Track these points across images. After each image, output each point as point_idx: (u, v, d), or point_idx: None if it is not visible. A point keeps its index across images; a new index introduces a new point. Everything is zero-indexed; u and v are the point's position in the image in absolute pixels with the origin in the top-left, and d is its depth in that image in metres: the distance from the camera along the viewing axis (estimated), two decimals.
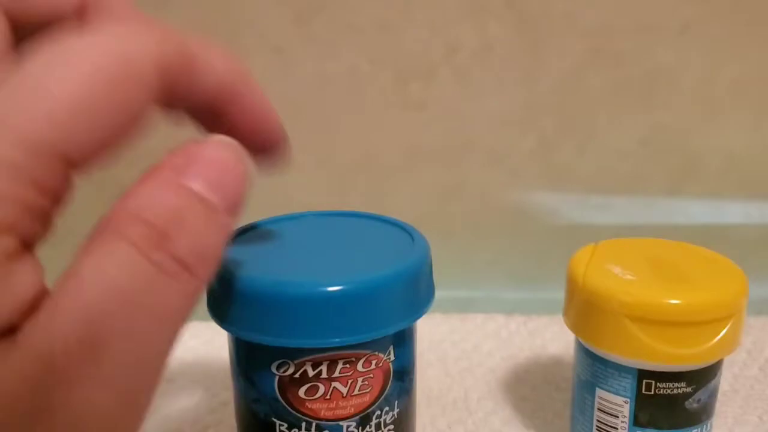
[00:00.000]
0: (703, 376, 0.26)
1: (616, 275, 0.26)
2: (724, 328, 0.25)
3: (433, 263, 0.26)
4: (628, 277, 0.26)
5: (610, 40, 0.43)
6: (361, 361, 0.23)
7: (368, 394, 0.24)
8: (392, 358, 0.24)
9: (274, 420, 0.24)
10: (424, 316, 0.23)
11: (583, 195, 0.49)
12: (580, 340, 0.27)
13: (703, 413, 0.27)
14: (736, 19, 0.44)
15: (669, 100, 0.46)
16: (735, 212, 0.49)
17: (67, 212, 0.17)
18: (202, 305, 0.29)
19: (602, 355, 0.26)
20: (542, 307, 0.43)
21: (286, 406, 0.24)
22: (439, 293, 0.48)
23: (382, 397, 0.24)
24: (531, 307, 0.43)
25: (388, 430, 0.25)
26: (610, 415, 0.27)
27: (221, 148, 0.18)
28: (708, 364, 0.26)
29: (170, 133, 0.21)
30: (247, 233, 0.26)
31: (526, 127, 0.45)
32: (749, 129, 0.47)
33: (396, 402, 0.25)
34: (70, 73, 0.16)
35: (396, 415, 0.25)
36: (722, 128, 0.47)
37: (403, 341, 0.25)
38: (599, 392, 0.27)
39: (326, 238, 0.26)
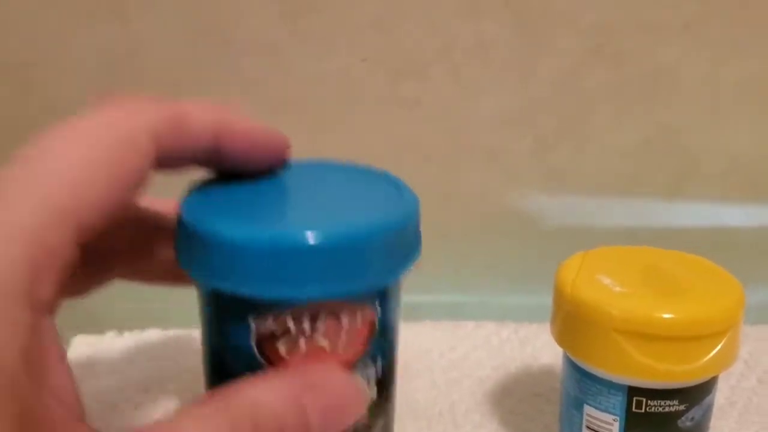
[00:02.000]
0: (697, 393, 0.25)
1: (605, 286, 0.25)
2: (719, 343, 0.24)
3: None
4: (618, 288, 0.25)
5: (609, 38, 0.42)
6: (346, 315, 0.22)
7: (352, 350, 0.22)
8: (379, 314, 0.23)
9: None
10: (412, 325, 0.22)
11: (581, 197, 0.48)
12: (568, 354, 0.26)
13: (698, 431, 0.26)
14: (739, 17, 0.43)
15: (670, 101, 0.45)
16: (736, 215, 0.49)
17: None
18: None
19: (590, 371, 0.25)
20: (537, 312, 0.42)
21: (266, 363, 0.22)
22: (430, 298, 0.48)
23: (367, 352, 0.23)
24: (525, 313, 0.42)
25: (371, 387, 0.23)
26: None
27: (347, 382, 0.21)
28: (702, 381, 0.25)
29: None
30: (228, 180, 0.24)
31: (523, 127, 0.44)
32: (752, 130, 0.46)
33: (379, 359, 0.23)
34: (77, 147, 0.19)
35: (379, 373, 0.23)
36: (724, 129, 0.46)
37: (388, 296, 0.23)
38: (587, 409, 0.26)
39: (311, 187, 0.25)
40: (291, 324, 0.21)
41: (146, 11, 0.42)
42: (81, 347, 0.37)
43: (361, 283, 0.21)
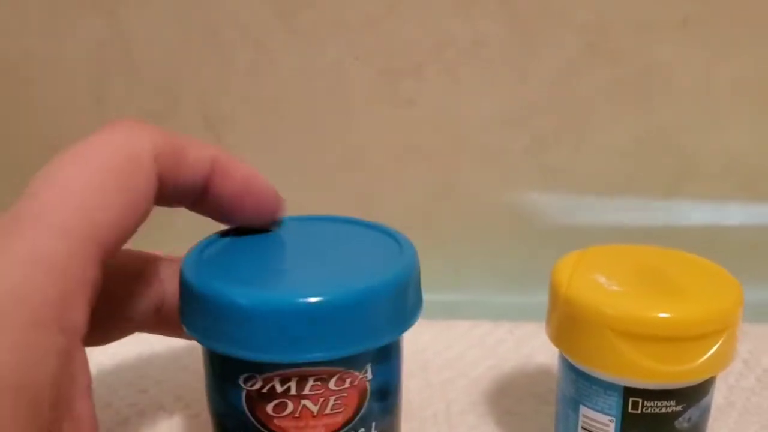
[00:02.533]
0: (694, 394, 0.25)
1: (601, 285, 0.25)
2: (716, 343, 0.24)
3: (421, 265, 0.24)
4: (614, 288, 0.25)
5: (605, 36, 0.42)
6: (334, 379, 0.22)
7: (341, 414, 0.23)
8: (369, 376, 0.23)
9: None
10: None
11: (577, 196, 0.48)
12: (563, 353, 0.26)
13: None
14: (735, 15, 0.43)
15: (666, 99, 0.45)
16: (734, 214, 0.48)
17: None
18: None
19: (586, 371, 0.25)
20: (534, 311, 0.42)
21: (254, 421, 0.22)
22: (426, 297, 0.48)
23: (357, 417, 0.23)
24: (522, 312, 0.42)
25: None
26: None
27: None
28: (700, 381, 0.25)
29: None
30: (222, 239, 0.25)
31: (519, 125, 0.44)
32: (749, 129, 0.46)
33: (374, 423, 0.23)
34: (85, 173, 0.19)
35: None
36: (721, 128, 0.46)
37: (384, 358, 0.23)
38: (583, 410, 0.26)
39: (305, 245, 0.25)
40: (278, 386, 0.22)
41: (137, 7, 0.42)
42: None
43: (349, 348, 0.22)
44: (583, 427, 0.26)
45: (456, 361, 0.37)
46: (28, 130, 0.44)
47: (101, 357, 0.36)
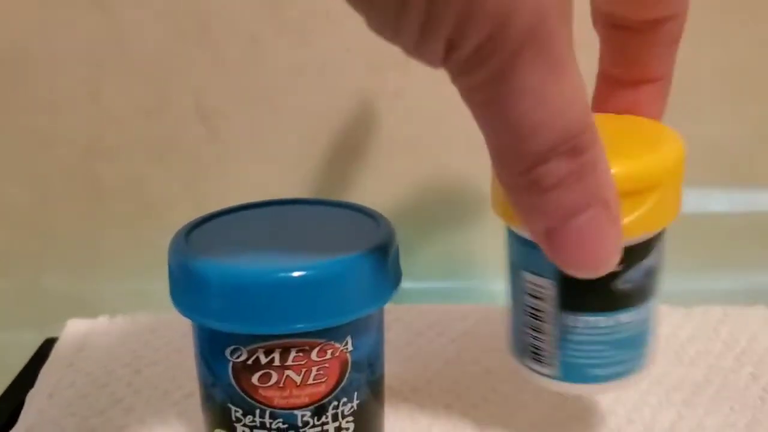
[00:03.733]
0: (633, 254, 0.24)
1: None
2: (650, 199, 0.23)
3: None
4: None
5: (588, 27, 0.43)
6: (316, 350, 0.23)
7: (323, 384, 0.24)
8: (350, 348, 0.24)
9: (230, 406, 0.24)
10: (398, 307, 0.22)
11: None
12: (506, 224, 0.26)
13: (638, 295, 0.25)
14: (715, 4, 0.44)
15: None
16: (718, 201, 0.49)
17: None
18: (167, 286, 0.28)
19: (525, 237, 0.25)
20: None
21: (240, 392, 0.24)
22: (417, 284, 0.48)
23: (339, 387, 0.24)
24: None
25: (347, 421, 0.24)
26: (538, 298, 0.26)
27: None
28: (636, 241, 0.24)
29: None
30: (207, 222, 0.26)
31: None
32: (732, 115, 0.47)
33: (356, 394, 0.24)
34: None
35: (356, 407, 0.25)
36: (704, 114, 0.47)
37: (364, 331, 0.24)
38: (526, 275, 0.26)
39: (287, 225, 0.26)
40: (262, 357, 0.23)
41: (130, 2, 0.42)
42: (74, 330, 0.38)
43: (328, 320, 0.23)
44: (527, 293, 0.26)
45: (447, 344, 0.38)
46: (22, 124, 0.45)
47: (98, 338, 0.37)
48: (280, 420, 0.24)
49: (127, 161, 0.45)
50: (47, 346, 0.38)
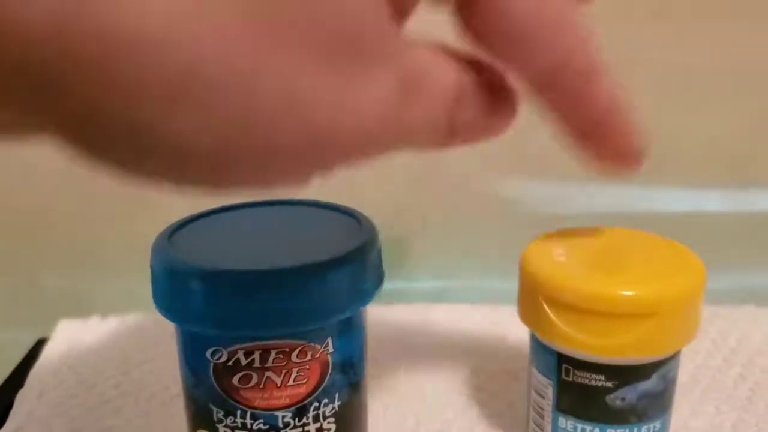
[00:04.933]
0: (627, 374, 0.25)
1: (551, 258, 0.26)
2: (646, 325, 0.24)
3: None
4: (561, 258, 0.26)
5: None
6: (296, 352, 0.23)
7: (304, 386, 0.24)
8: (331, 349, 0.24)
9: (212, 406, 0.24)
10: (385, 307, 0.22)
11: (557, 183, 0.48)
12: (519, 317, 0.27)
13: (632, 414, 0.26)
14: (714, 3, 0.44)
15: (643, 86, 0.45)
16: (713, 200, 0.49)
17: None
18: None
19: (534, 334, 0.26)
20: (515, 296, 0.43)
21: (222, 393, 0.24)
22: (411, 284, 0.48)
23: (320, 389, 0.24)
24: (505, 297, 0.43)
25: (329, 422, 0.25)
26: (540, 395, 0.27)
27: None
28: (630, 362, 0.25)
29: None
30: (190, 223, 0.26)
31: None
32: (727, 114, 0.47)
33: (337, 395, 0.25)
34: None
35: (337, 408, 0.25)
36: (699, 113, 0.47)
37: (346, 332, 0.24)
38: (533, 370, 0.27)
39: (268, 226, 0.26)
40: (242, 359, 0.23)
41: None
42: (66, 330, 0.38)
43: (308, 323, 0.23)
44: (533, 387, 0.27)
45: (434, 343, 0.38)
46: None
47: (89, 338, 0.38)
48: (261, 421, 0.24)
49: None
50: (40, 345, 0.38)
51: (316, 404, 0.24)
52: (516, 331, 0.38)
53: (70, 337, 0.38)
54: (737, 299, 0.41)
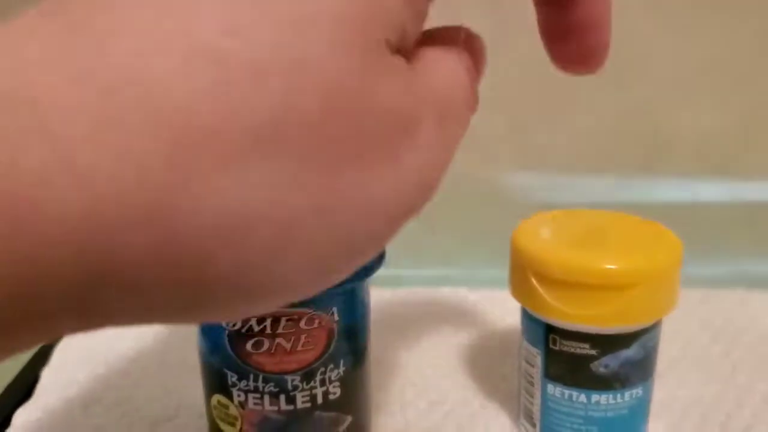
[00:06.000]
0: (609, 342, 0.27)
1: (539, 236, 0.28)
2: (625, 296, 0.26)
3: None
4: (548, 236, 0.28)
5: None
6: (304, 320, 0.25)
7: (311, 351, 0.26)
8: (336, 318, 0.26)
9: (226, 371, 0.26)
10: (393, 292, 0.23)
11: (555, 174, 0.50)
12: (510, 292, 0.29)
13: (615, 380, 0.27)
14: None
15: (640, 79, 0.47)
16: (708, 190, 0.50)
17: None
18: None
19: (524, 308, 0.28)
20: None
21: (236, 358, 0.26)
22: (411, 272, 0.50)
23: (326, 354, 0.26)
24: (504, 284, 0.44)
25: (334, 386, 0.27)
26: (530, 364, 0.29)
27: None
28: (613, 331, 0.27)
29: None
30: None
31: (497, 106, 0.46)
32: (721, 106, 0.48)
33: (342, 361, 0.27)
34: None
35: (342, 373, 0.27)
36: (694, 106, 0.48)
37: (349, 302, 0.26)
38: (524, 342, 0.29)
39: None
40: (255, 326, 0.25)
41: None
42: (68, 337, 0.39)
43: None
44: (524, 357, 0.29)
45: (432, 324, 0.40)
46: None
47: (91, 343, 0.39)
48: (272, 384, 0.26)
49: None
50: (48, 348, 0.38)
51: (323, 369, 0.26)
52: (510, 313, 0.40)
53: (72, 342, 0.37)
54: (730, 285, 0.43)
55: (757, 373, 0.34)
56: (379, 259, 0.27)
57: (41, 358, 0.37)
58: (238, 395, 0.26)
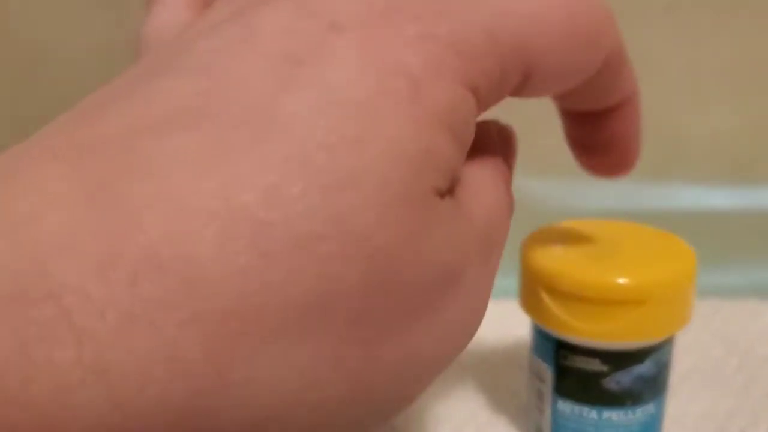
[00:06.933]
0: (620, 358, 0.26)
1: (549, 248, 0.27)
2: (638, 311, 0.25)
3: None
4: (559, 249, 0.27)
5: None
6: None
7: None
8: None
9: None
10: None
11: (566, 181, 0.49)
12: (520, 306, 0.28)
13: (628, 397, 0.27)
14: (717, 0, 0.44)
15: (653, 83, 0.46)
16: (722, 197, 0.49)
17: None
18: None
19: (534, 322, 0.28)
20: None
21: None
22: None
23: None
24: (513, 292, 0.44)
25: None
26: (540, 380, 0.28)
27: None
28: (624, 347, 0.26)
29: None
30: None
31: (507, 110, 0.45)
32: (735, 112, 0.47)
33: None
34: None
35: None
36: (708, 111, 0.47)
37: None
38: (533, 357, 0.28)
39: None
40: None
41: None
42: None
43: None
44: (533, 372, 0.28)
45: None
46: (36, 124, 0.46)
47: None
48: None
49: None
50: None
51: None
52: (520, 325, 0.39)
53: None
54: (742, 294, 0.42)
55: None
56: None
57: None
58: None
